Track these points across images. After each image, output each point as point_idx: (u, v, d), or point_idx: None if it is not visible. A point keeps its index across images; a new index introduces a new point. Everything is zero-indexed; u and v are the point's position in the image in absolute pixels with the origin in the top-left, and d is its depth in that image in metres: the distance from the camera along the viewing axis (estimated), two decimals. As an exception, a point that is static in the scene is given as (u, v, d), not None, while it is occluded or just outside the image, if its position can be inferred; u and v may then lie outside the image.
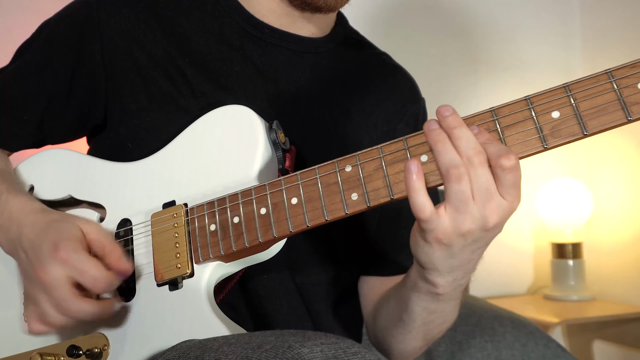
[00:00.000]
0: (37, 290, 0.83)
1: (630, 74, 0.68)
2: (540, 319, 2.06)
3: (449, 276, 0.78)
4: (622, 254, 2.36)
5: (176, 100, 0.97)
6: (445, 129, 0.72)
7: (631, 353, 2.28)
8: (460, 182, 0.70)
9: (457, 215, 0.71)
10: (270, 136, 0.89)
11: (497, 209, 0.71)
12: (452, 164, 0.70)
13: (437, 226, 0.72)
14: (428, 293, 0.83)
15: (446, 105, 0.73)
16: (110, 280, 0.82)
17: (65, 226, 0.84)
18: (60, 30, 1.02)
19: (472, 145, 0.70)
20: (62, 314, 0.81)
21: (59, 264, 0.80)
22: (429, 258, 0.76)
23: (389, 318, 0.97)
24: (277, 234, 0.81)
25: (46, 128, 1.03)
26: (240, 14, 1.02)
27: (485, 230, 0.72)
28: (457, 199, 0.70)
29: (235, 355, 0.70)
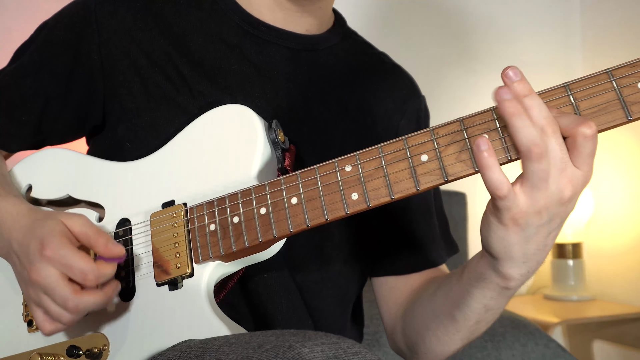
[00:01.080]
0: (37, 292, 0.82)
1: (630, 73, 0.67)
2: (540, 319, 2.06)
3: (523, 267, 0.76)
4: (622, 254, 2.36)
5: (174, 99, 0.97)
6: (514, 94, 0.68)
7: (631, 353, 2.28)
8: (542, 160, 0.67)
9: (535, 192, 0.69)
10: (270, 135, 0.89)
11: (572, 180, 0.69)
12: (534, 142, 0.67)
13: (513, 204, 0.69)
14: (497, 288, 0.80)
15: (513, 66, 0.70)
16: (100, 271, 0.81)
17: (48, 223, 0.84)
18: (58, 31, 1.02)
19: (545, 114, 0.67)
20: (69, 312, 0.81)
21: (47, 263, 0.80)
22: (504, 244, 0.73)
23: (432, 317, 0.95)
24: (277, 234, 0.81)
25: (45, 129, 1.03)
26: (238, 12, 1.02)
27: (562, 204, 0.70)
28: (537, 177, 0.68)
29: (235, 355, 0.69)
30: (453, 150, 0.73)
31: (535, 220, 0.71)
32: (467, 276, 0.85)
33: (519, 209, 0.70)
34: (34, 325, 0.94)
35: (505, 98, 0.68)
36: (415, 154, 0.74)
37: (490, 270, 0.79)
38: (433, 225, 1.10)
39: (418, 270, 1.08)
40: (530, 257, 0.75)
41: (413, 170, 0.74)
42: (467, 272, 0.85)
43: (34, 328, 0.94)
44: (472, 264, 0.84)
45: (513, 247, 0.73)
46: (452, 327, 0.91)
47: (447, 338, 0.93)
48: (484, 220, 0.75)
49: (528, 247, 0.74)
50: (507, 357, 1.40)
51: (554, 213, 0.71)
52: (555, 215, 0.71)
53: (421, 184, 0.74)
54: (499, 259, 0.76)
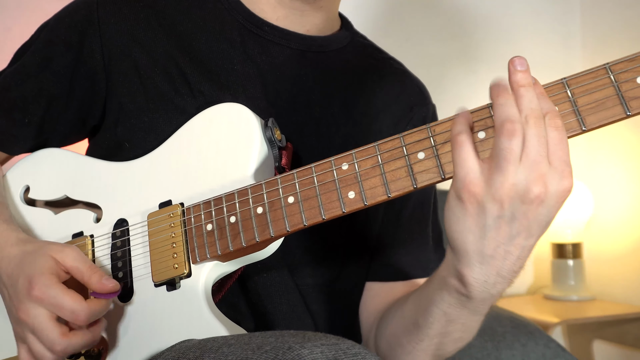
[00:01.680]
0: (24, 331, 0.81)
1: (629, 68, 0.67)
2: (540, 319, 2.06)
3: (479, 270, 0.71)
4: (623, 254, 2.36)
5: (173, 100, 0.97)
6: (513, 82, 0.69)
7: (631, 353, 2.28)
8: (512, 138, 0.65)
9: (498, 174, 0.66)
10: (266, 134, 0.88)
11: (544, 178, 0.65)
12: (509, 118, 0.66)
13: (473, 177, 0.67)
14: (455, 292, 0.77)
15: (521, 57, 0.70)
16: (90, 310, 0.80)
17: (38, 260, 0.82)
18: (60, 31, 1.01)
19: (534, 106, 0.67)
20: (55, 354, 0.80)
21: (35, 303, 0.79)
22: (460, 226, 0.70)
23: (401, 323, 0.93)
24: (274, 233, 0.80)
25: (47, 130, 1.03)
26: (241, 12, 1.02)
27: (526, 201, 0.66)
28: (502, 157, 0.65)
29: (234, 356, 0.69)
30: (450, 148, 0.72)
31: (493, 208, 0.67)
32: (432, 281, 0.84)
33: (478, 182, 0.67)
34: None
35: (497, 83, 0.70)
36: (412, 152, 0.74)
37: (449, 271, 0.76)
38: (426, 235, 1.10)
39: (407, 279, 1.07)
40: (487, 260, 0.70)
41: (410, 168, 0.74)
42: (432, 277, 0.84)
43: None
44: (438, 270, 0.82)
45: (468, 235, 0.69)
46: (414, 335, 0.88)
47: (411, 347, 0.90)
48: (447, 200, 0.72)
49: (484, 243, 0.69)
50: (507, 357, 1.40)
51: (517, 210, 0.67)
52: (519, 213, 0.67)
53: (418, 182, 0.74)
54: (455, 251, 0.72)
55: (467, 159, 0.68)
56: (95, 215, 0.96)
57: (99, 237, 0.93)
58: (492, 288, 0.73)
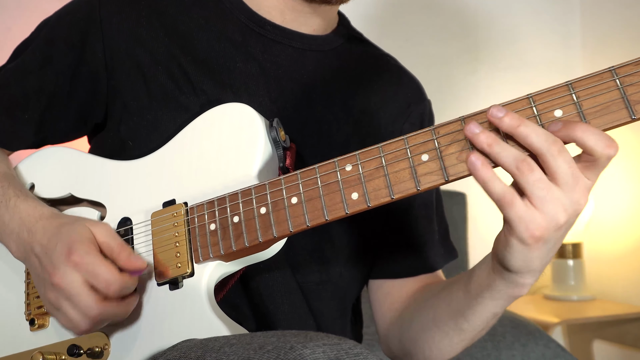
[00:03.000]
0: (58, 297, 0.82)
1: (634, 71, 0.67)
2: (540, 319, 2.06)
3: (539, 274, 0.77)
4: (622, 254, 2.36)
5: (177, 99, 0.97)
6: (506, 129, 0.69)
7: (631, 353, 2.28)
8: (534, 172, 0.67)
9: (546, 204, 0.68)
10: (271, 134, 0.88)
11: (585, 190, 0.69)
12: (519, 158, 0.68)
13: (535, 224, 0.69)
14: (509, 297, 0.81)
15: (495, 105, 0.70)
16: (123, 283, 0.81)
17: (76, 229, 0.84)
18: (61, 29, 1.01)
19: (544, 137, 0.67)
20: (90, 320, 0.81)
21: (73, 268, 0.80)
22: (526, 261, 0.73)
23: (432, 327, 0.95)
24: (277, 234, 0.80)
25: (47, 127, 1.03)
26: (243, 11, 1.02)
27: (576, 213, 0.70)
28: (538, 189, 0.68)
29: (236, 356, 0.69)
30: (454, 150, 0.72)
31: (556, 234, 0.71)
32: (475, 288, 0.84)
33: (537, 223, 0.69)
34: (35, 324, 0.94)
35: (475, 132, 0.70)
36: (415, 153, 0.74)
37: (504, 282, 0.79)
38: (432, 230, 1.10)
39: (414, 275, 1.08)
40: (546, 264, 0.76)
41: (414, 170, 0.74)
42: (474, 284, 0.84)
43: (35, 327, 0.94)
44: (479, 277, 0.83)
45: (534, 262, 0.73)
46: (456, 337, 0.91)
47: (450, 348, 0.94)
48: (501, 241, 0.74)
49: (548, 258, 0.74)
50: (507, 357, 1.40)
51: (570, 223, 0.71)
52: (570, 224, 0.71)
53: (422, 184, 0.74)
54: (518, 273, 0.76)
55: (522, 215, 0.69)
56: (99, 213, 0.96)
57: None
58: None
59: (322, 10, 1.03)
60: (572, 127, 0.66)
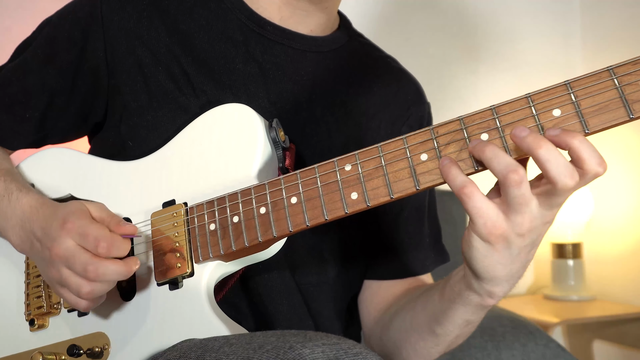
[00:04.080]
0: (59, 268, 0.82)
1: (632, 71, 0.67)
2: (540, 319, 2.06)
3: (506, 285, 0.77)
4: (622, 254, 2.36)
5: (177, 99, 0.97)
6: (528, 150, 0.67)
7: (631, 353, 2.28)
8: (520, 186, 0.67)
9: (516, 215, 0.69)
10: (270, 134, 0.89)
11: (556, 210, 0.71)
12: (510, 168, 0.67)
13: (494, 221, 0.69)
14: (478, 305, 0.81)
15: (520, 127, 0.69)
16: (112, 240, 0.81)
17: (71, 204, 0.86)
18: (63, 28, 1.01)
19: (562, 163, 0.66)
20: (92, 281, 0.81)
21: (66, 235, 0.81)
22: (487, 263, 0.73)
23: (410, 330, 0.95)
24: (277, 234, 0.81)
25: (48, 126, 1.03)
26: (244, 11, 1.02)
27: (546, 223, 0.71)
28: (517, 203, 0.68)
29: (236, 356, 0.69)
30: (453, 150, 0.72)
31: (518, 240, 0.71)
32: (448, 293, 0.85)
33: (499, 224, 0.70)
34: (35, 325, 0.94)
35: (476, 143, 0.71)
36: (414, 153, 0.74)
37: (470, 290, 0.80)
38: (422, 234, 1.10)
39: (398, 278, 1.08)
40: (514, 276, 0.76)
41: (413, 169, 0.74)
42: (448, 289, 0.85)
43: (35, 327, 0.94)
44: (453, 282, 0.84)
45: (495, 267, 0.74)
46: (431, 342, 0.92)
47: (425, 351, 0.94)
48: (465, 240, 0.74)
49: (512, 267, 0.74)
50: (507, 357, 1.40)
51: (537, 234, 0.72)
52: (539, 235, 0.72)
53: (421, 183, 0.74)
54: (482, 279, 0.76)
55: (482, 207, 0.70)
56: (98, 214, 0.96)
57: None
58: (512, 288, 0.79)
59: (321, 8, 1.03)
60: (571, 136, 0.66)
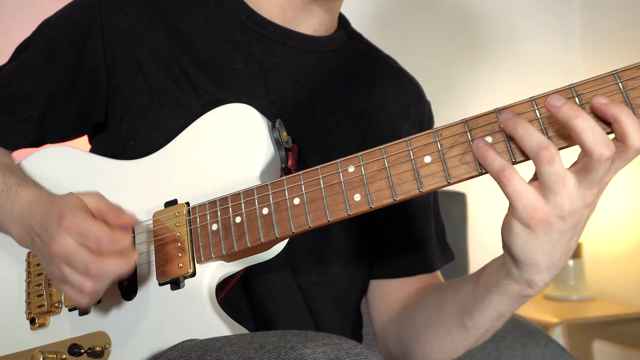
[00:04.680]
0: (59, 266, 0.82)
1: (637, 75, 0.67)
2: (540, 319, 2.06)
3: (547, 273, 0.75)
4: (622, 254, 2.36)
5: (178, 98, 0.97)
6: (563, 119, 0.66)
7: (631, 353, 2.29)
8: (552, 163, 0.66)
9: (554, 196, 0.68)
10: (273, 135, 0.88)
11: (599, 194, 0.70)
12: (542, 145, 0.67)
13: (535, 205, 0.69)
14: (516, 295, 0.79)
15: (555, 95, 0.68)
16: (113, 237, 0.81)
17: (66, 198, 0.85)
18: (63, 28, 1.01)
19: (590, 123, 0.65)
20: (91, 277, 0.81)
21: (65, 233, 0.81)
22: (527, 249, 0.72)
23: (439, 324, 0.94)
24: (280, 235, 0.81)
25: (47, 126, 1.03)
26: (244, 11, 1.02)
27: (586, 206, 0.69)
28: (552, 181, 0.67)
29: (237, 356, 0.69)
30: (457, 152, 0.72)
31: (559, 224, 0.70)
32: (483, 283, 0.84)
33: (541, 208, 0.69)
34: (36, 323, 0.94)
35: (506, 118, 0.70)
36: (418, 155, 0.74)
37: (511, 278, 0.78)
38: (430, 231, 1.10)
39: (413, 274, 1.08)
40: (555, 264, 0.74)
41: (416, 171, 0.74)
42: (483, 279, 0.84)
43: (36, 326, 0.94)
44: (490, 272, 0.83)
45: (537, 253, 0.72)
46: (460, 335, 0.90)
47: (452, 346, 0.92)
48: (505, 225, 0.73)
49: (554, 254, 0.73)
50: (507, 357, 1.40)
51: (578, 217, 0.70)
52: (579, 220, 0.71)
53: (424, 185, 0.74)
54: (522, 266, 0.75)
55: (522, 190, 0.69)
56: (99, 213, 0.96)
57: None
58: (553, 278, 0.77)
59: (326, 9, 1.03)
60: (619, 108, 0.65)
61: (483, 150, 0.70)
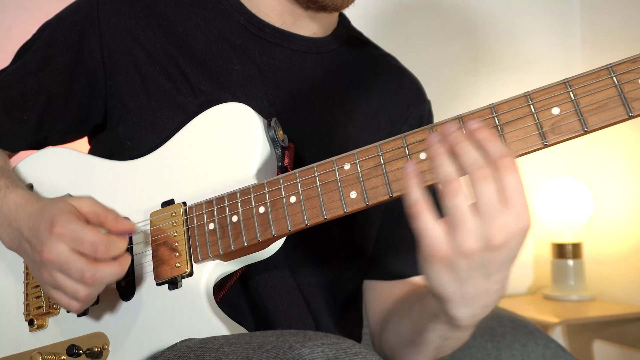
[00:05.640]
0: (51, 272, 0.82)
1: (631, 69, 0.67)
2: (540, 319, 2.06)
3: (466, 310, 0.73)
4: (622, 254, 2.35)
5: (175, 99, 0.97)
6: (450, 143, 0.68)
7: (631, 353, 2.28)
8: (455, 197, 0.66)
9: (457, 232, 0.67)
10: (269, 134, 0.88)
11: (503, 226, 0.66)
12: (448, 178, 0.67)
13: (437, 242, 0.68)
14: (447, 323, 0.79)
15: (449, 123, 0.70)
16: (109, 242, 0.81)
17: (57, 204, 0.85)
18: (61, 30, 1.02)
19: (473, 160, 0.67)
20: (86, 284, 0.81)
21: (57, 239, 0.80)
22: (439, 284, 0.71)
23: (399, 337, 0.96)
24: (276, 233, 0.81)
25: (46, 128, 1.03)
26: (242, 13, 1.02)
27: (491, 250, 0.67)
28: (453, 215, 0.66)
29: (235, 356, 0.69)
30: None
31: (463, 263, 0.68)
32: (424, 309, 0.84)
33: (441, 245, 0.68)
34: (35, 325, 0.94)
35: (431, 143, 0.69)
36: (413, 151, 0.74)
37: (437, 309, 0.77)
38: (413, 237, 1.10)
39: (401, 277, 1.07)
40: (472, 300, 0.72)
41: None
42: (426, 302, 0.84)
43: (35, 327, 0.94)
44: (428, 299, 0.82)
45: (447, 288, 0.71)
46: (412, 350, 0.91)
47: (410, 357, 0.94)
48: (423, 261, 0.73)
49: (464, 290, 0.71)
50: (507, 357, 1.39)
51: (485, 258, 0.68)
52: (487, 260, 0.68)
53: (420, 181, 0.74)
54: (439, 299, 0.74)
55: (427, 228, 0.68)
56: (97, 214, 0.96)
57: None
58: (482, 315, 0.76)
59: (321, 15, 1.03)
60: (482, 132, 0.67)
61: (408, 176, 0.69)
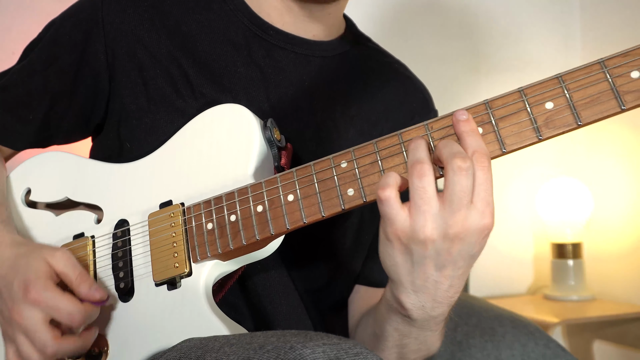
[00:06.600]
0: (15, 332, 0.82)
1: (623, 63, 0.68)
2: (540, 319, 2.05)
3: (414, 297, 0.75)
4: (622, 254, 2.35)
5: (174, 102, 0.97)
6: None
7: (631, 353, 2.28)
8: (422, 178, 0.68)
9: (417, 214, 0.68)
10: (265, 134, 0.88)
11: (463, 219, 0.68)
12: (418, 160, 0.69)
13: (396, 217, 0.69)
14: (399, 314, 0.80)
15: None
16: (86, 312, 0.81)
17: (32, 263, 0.83)
18: (65, 30, 1.02)
19: (456, 150, 0.68)
20: (44, 356, 0.81)
21: (31, 305, 0.80)
22: (392, 262, 0.73)
23: (366, 332, 0.97)
24: (274, 231, 0.81)
25: (51, 127, 1.04)
26: (247, 14, 1.02)
27: (447, 239, 0.69)
28: (418, 195, 0.68)
29: (236, 356, 0.69)
30: None
31: (418, 248, 0.70)
32: (382, 299, 0.85)
33: (402, 224, 0.69)
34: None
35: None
36: None
37: (390, 294, 0.79)
38: None
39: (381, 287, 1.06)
40: (420, 289, 0.74)
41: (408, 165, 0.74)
42: (385, 294, 0.85)
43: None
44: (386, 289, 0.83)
45: (399, 269, 0.73)
46: (375, 344, 0.91)
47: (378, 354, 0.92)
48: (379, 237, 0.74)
49: (415, 276, 0.73)
50: (507, 357, 1.39)
51: (440, 247, 0.69)
52: (442, 250, 0.70)
53: (416, 178, 0.74)
54: (390, 280, 0.76)
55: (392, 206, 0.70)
56: (96, 216, 0.96)
57: (100, 237, 0.93)
58: (431, 311, 0.77)
59: (321, 15, 1.02)
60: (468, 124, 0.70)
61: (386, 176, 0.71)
